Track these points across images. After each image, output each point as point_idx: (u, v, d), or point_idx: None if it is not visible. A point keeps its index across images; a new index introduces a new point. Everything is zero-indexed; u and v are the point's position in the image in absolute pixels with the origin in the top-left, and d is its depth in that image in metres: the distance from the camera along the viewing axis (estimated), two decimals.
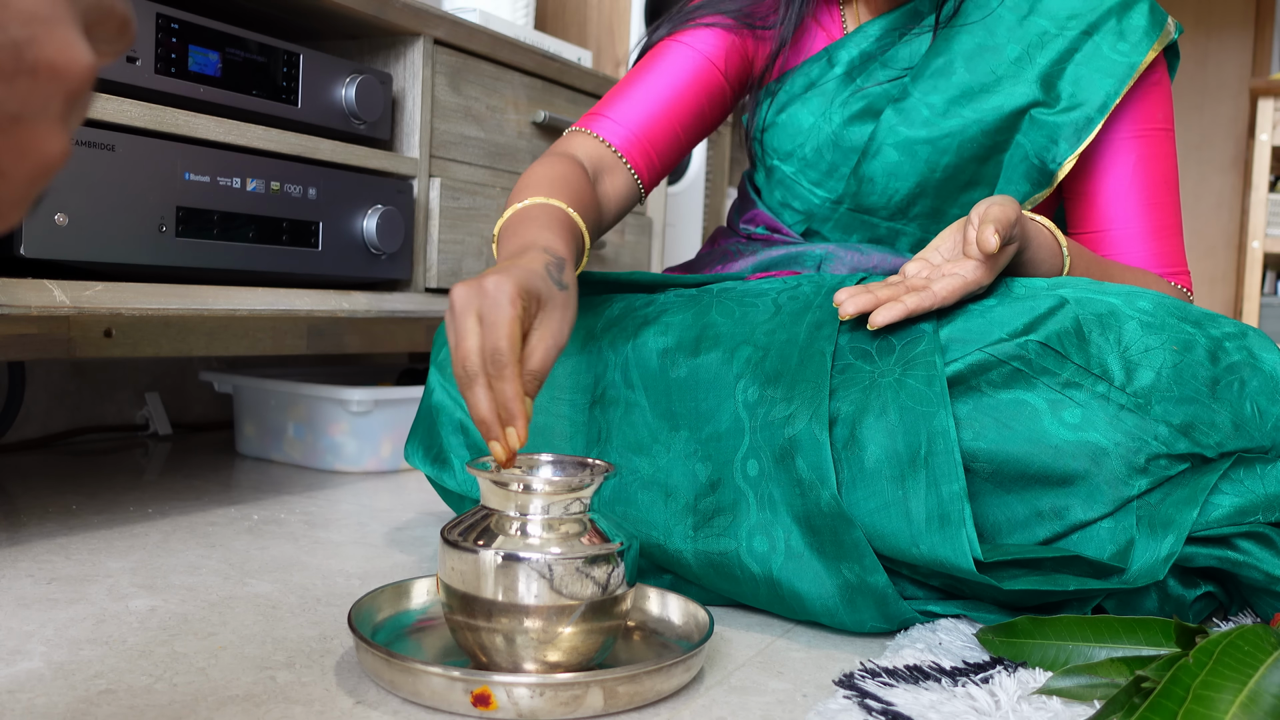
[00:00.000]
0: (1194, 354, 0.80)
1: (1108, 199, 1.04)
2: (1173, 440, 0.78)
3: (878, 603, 0.77)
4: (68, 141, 0.34)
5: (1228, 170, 4.05)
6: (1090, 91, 1.00)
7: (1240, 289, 3.38)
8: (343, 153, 1.23)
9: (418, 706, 0.64)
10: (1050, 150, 1.00)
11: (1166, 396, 0.78)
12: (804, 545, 0.78)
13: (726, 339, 0.86)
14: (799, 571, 0.78)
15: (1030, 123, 1.00)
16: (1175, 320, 0.82)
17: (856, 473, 0.77)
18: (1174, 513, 0.76)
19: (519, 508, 0.67)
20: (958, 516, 0.74)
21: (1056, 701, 0.66)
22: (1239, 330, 0.84)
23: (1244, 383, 0.80)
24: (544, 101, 1.58)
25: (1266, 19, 4.00)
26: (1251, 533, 0.77)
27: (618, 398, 0.88)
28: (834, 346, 0.82)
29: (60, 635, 0.74)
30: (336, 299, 1.22)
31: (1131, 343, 0.80)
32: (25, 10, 0.32)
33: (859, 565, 0.76)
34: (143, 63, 1.02)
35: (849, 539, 0.76)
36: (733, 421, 0.82)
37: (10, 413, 1.43)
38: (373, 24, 1.30)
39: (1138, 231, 1.03)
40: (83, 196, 0.95)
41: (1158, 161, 1.04)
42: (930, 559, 0.74)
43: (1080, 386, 0.78)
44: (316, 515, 1.15)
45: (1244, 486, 0.77)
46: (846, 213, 1.06)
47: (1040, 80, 1.00)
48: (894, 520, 0.75)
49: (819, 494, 0.76)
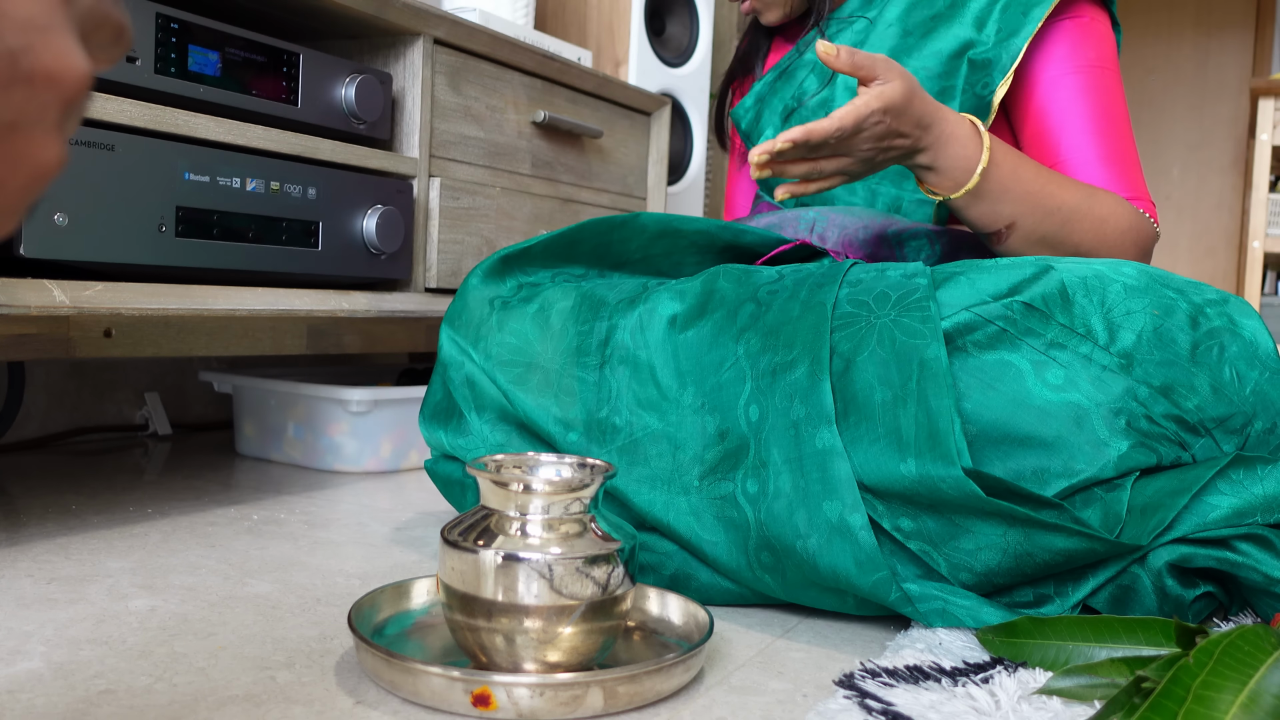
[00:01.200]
0: (1175, 318, 0.81)
1: (1054, 129, 1.10)
2: (1152, 401, 0.78)
3: (853, 546, 0.76)
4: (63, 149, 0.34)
5: (1228, 170, 4.04)
6: (1014, 24, 1.09)
7: (1240, 289, 3.38)
8: (343, 153, 1.23)
9: (418, 706, 0.64)
10: (987, 84, 1.10)
11: (1147, 359, 0.79)
12: (791, 487, 0.79)
13: (731, 298, 0.89)
14: (784, 513, 0.79)
15: (969, 67, 1.11)
16: (1158, 285, 0.83)
17: (849, 401, 0.78)
18: (1164, 499, 0.77)
19: (519, 507, 0.67)
20: (946, 429, 0.74)
21: (1056, 701, 0.66)
22: (1221, 297, 0.85)
23: (1223, 348, 0.81)
24: (544, 101, 1.58)
25: (1266, 19, 4.00)
26: (1250, 535, 0.77)
27: (627, 358, 0.90)
28: (834, 299, 0.84)
29: (60, 635, 0.74)
30: (336, 299, 1.22)
31: (1114, 304, 0.81)
32: (21, 18, 0.31)
33: (840, 503, 0.77)
34: (142, 63, 1.02)
35: (837, 475, 0.77)
36: (735, 371, 0.84)
37: (10, 413, 1.43)
38: (373, 24, 1.30)
39: (1090, 158, 1.08)
40: (82, 196, 0.95)
41: (1100, 94, 1.10)
42: (918, 475, 0.74)
43: (1064, 347, 0.79)
44: (316, 515, 1.15)
45: (1242, 487, 0.77)
46: None
47: (974, 22, 1.11)
48: (883, 443, 0.76)
49: (815, 432, 0.78)
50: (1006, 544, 0.75)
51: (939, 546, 0.77)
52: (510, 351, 0.94)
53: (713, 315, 0.88)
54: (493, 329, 0.95)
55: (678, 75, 2.23)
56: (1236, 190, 4.01)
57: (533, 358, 0.93)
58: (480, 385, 0.95)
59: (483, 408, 0.95)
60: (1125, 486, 0.78)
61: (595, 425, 0.88)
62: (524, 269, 1.01)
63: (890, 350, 0.78)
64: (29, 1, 0.32)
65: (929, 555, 0.78)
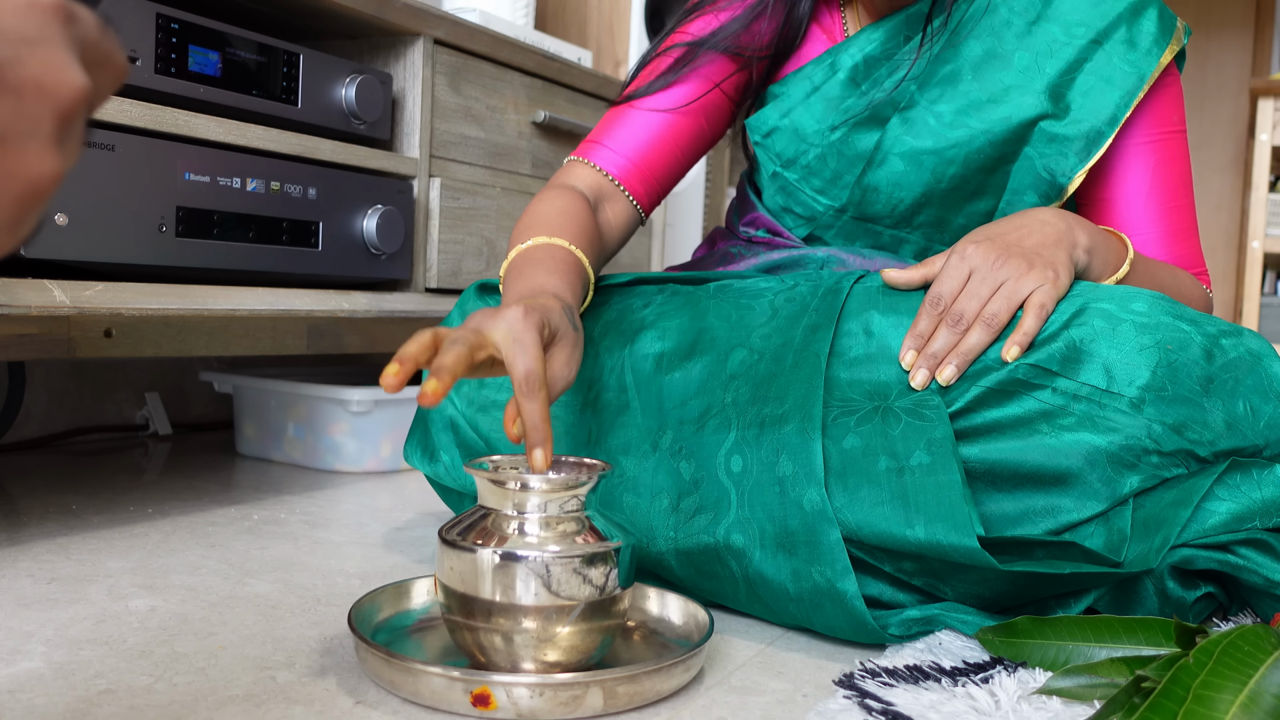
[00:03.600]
0: (1189, 352, 0.80)
1: (1124, 205, 1.02)
2: (1165, 438, 0.78)
3: (845, 612, 0.76)
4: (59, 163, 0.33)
5: (1228, 170, 4.04)
6: (1100, 103, 0.97)
7: (1240, 289, 3.38)
8: (343, 153, 1.23)
9: (418, 706, 0.64)
10: (1060, 163, 0.98)
11: (1161, 396, 0.78)
12: (776, 545, 0.78)
13: (722, 342, 0.86)
14: (775, 570, 0.78)
15: (1039, 135, 0.98)
16: (1170, 319, 0.82)
17: (848, 463, 0.77)
18: (1167, 513, 0.76)
19: (516, 506, 0.67)
20: (957, 500, 0.73)
21: (1056, 701, 0.66)
22: (1234, 329, 0.84)
23: (1239, 381, 0.80)
24: (544, 101, 1.58)
25: (1266, 19, 4.00)
26: (1250, 539, 0.77)
27: (610, 401, 0.88)
28: (829, 349, 0.83)
29: (60, 635, 0.74)
30: (336, 299, 1.22)
31: (1126, 344, 0.80)
32: (9, 30, 0.31)
33: (830, 569, 0.75)
34: (143, 63, 1.02)
35: (826, 541, 0.76)
36: (720, 420, 0.82)
37: (10, 413, 1.43)
38: (373, 24, 1.30)
39: (1156, 235, 1.01)
40: (83, 196, 0.95)
41: (1172, 164, 1.02)
42: (927, 541, 0.74)
43: (1075, 396, 0.79)
44: (316, 515, 1.15)
45: (1240, 492, 0.77)
46: (850, 220, 1.05)
47: (1049, 91, 0.97)
48: (887, 507, 0.75)
49: (802, 493, 0.77)
50: (1015, 578, 0.76)
51: (946, 580, 0.77)
52: (494, 390, 0.93)
53: (701, 358, 0.86)
54: None
55: None
56: (1236, 190, 4.01)
57: None
58: (462, 430, 0.95)
59: (469, 452, 0.95)
60: (1128, 504, 0.78)
61: None
62: None
63: (897, 428, 0.77)
64: (17, 15, 0.32)
65: (935, 588, 0.79)
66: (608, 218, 1.01)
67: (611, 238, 1.01)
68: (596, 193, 1.01)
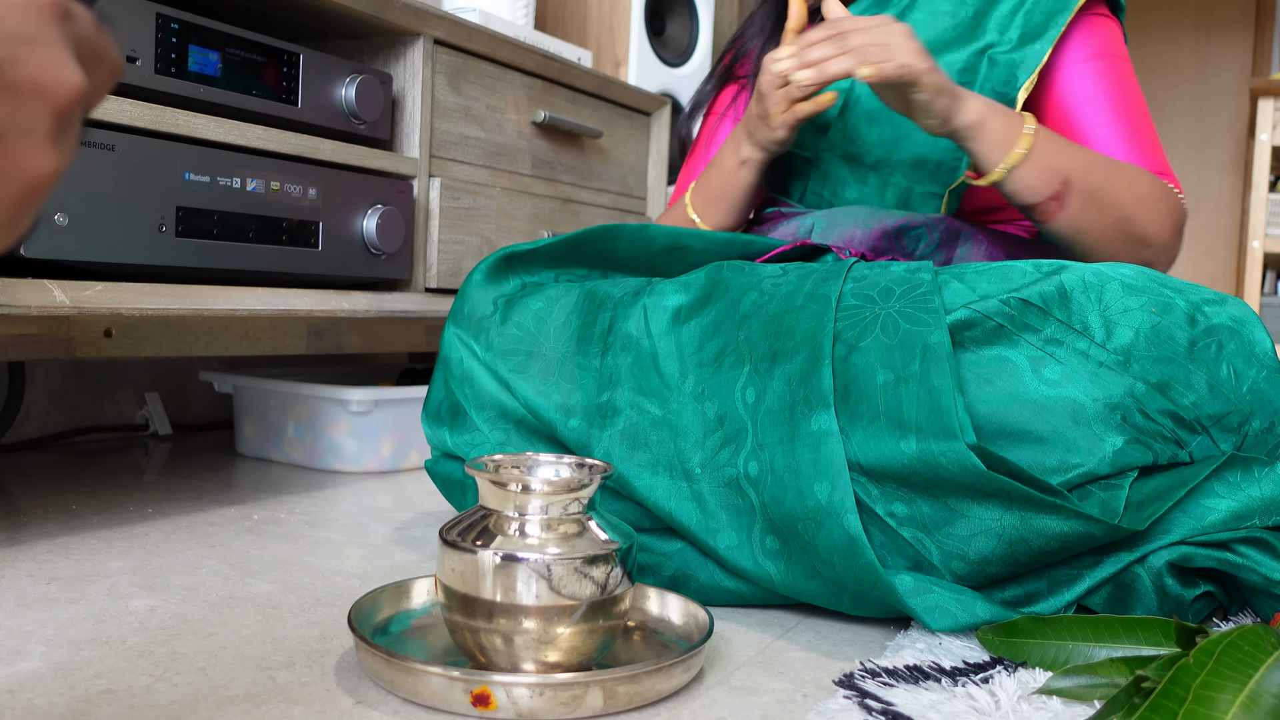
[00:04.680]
0: (1172, 315, 0.81)
1: (1076, 112, 1.11)
2: (1148, 397, 0.79)
3: (840, 529, 0.76)
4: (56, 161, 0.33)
5: (1228, 170, 4.05)
6: (1038, 27, 1.10)
7: (1240, 289, 3.38)
8: (343, 153, 1.23)
9: (418, 706, 0.64)
10: (1011, 82, 1.10)
11: (1144, 355, 0.79)
12: (784, 466, 0.79)
13: (735, 288, 0.90)
14: (783, 493, 0.79)
15: (989, 64, 1.10)
16: (1155, 284, 0.83)
17: (850, 383, 0.79)
18: (1160, 493, 0.77)
19: (517, 508, 0.67)
20: (949, 406, 0.75)
21: (1056, 701, 0.66)
22: (1218, 297, 0.85)
23: (1221, 345, 0.81)
24: (544, 101, 1.58)
25: (1266, 19, 4.00)
26: (1249, 538, 0.77)
27: (630, 345, 0.90)
28: (839, 291, 0.85)
29: (60, 635, 0.74)
30: (336, 299, 1.22)
31: (1112, 302, 0.81)
32: (7, 30, 0.32)
33: (830, 484, 0.77)
34: (143, 63, 1.02)
35: (827, 455, 0.77)
36: (735, 356, 0.85)
37: (10, 413, 1.43)
38: (373, 24, 1.30)
39: (1113, 135, 1.09)
40: (83, 196, 0.95)
41: (1117, 78, 1.11)
42: (918, 452, 0.74)
43: (1061, 344, 0.80)
44: (316, 515, 1.15)
45: (1239, 490, 0.77)
46: (837, 161, 1.16)
47: (996, 27, 1.12)
48: (882, 421, 0.76)
49: (812, 414, 0.78)
50: (1002, 529, 0.75)
51: (932, 533, 0.77)
52: (512, 342, 0.94)
53: (717, 304, 0.89)
54: (495, 323, 0.96)
55: (678, 75, 2.23)
56: (1236, 190, 4.01)
57: (535, 346, 0.93)
58: (479, 381, 0.95)
59: (482, 405, 0.95)
60: (1123, 485, 0.78)
61: (596, 410, 0.89)
62: (527, 269, 1.02)
63: (894, 336, 0.79)
64: (14, 14, 0.32)
65: (921, 543, 0.78)
66: None
67: None
68: None
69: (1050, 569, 0.79)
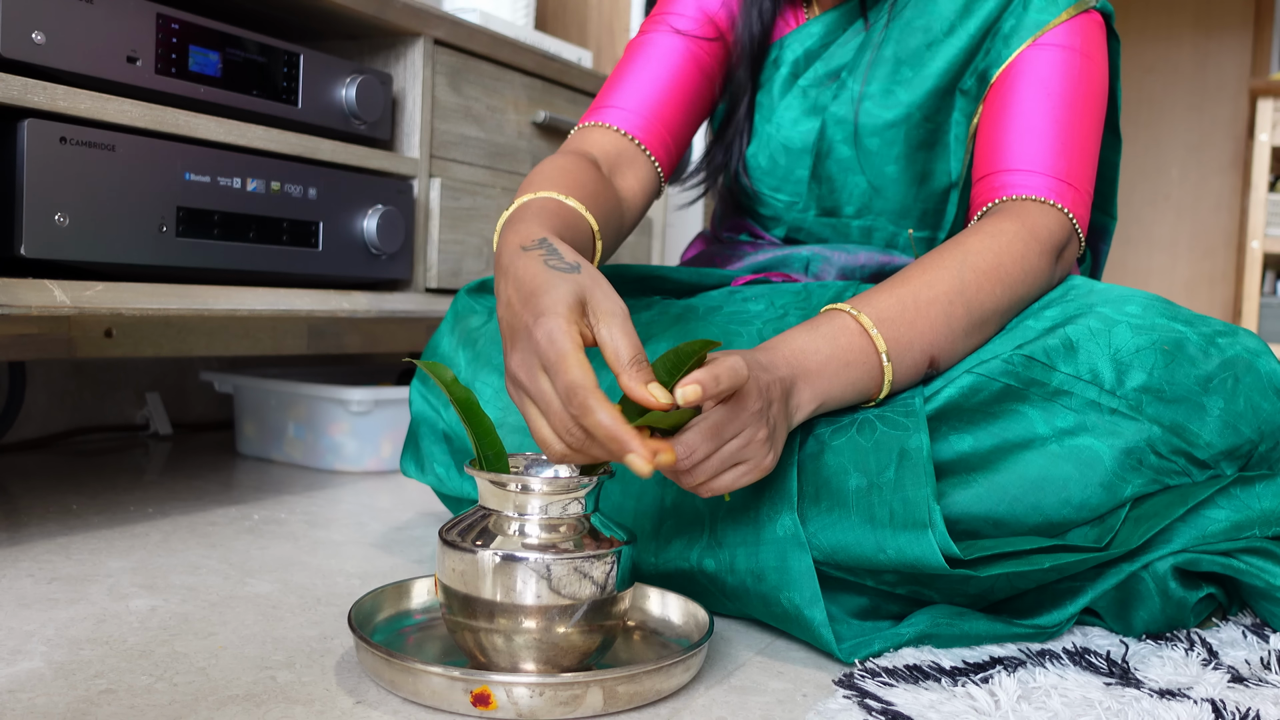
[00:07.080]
0: (1186, 351, 0.80)
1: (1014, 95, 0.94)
2: (1163, 440, 0.78)
3: (813, 637, 0.75)
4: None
5: (1227, 170, 4.04)
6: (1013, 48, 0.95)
7: (1240, 289, 3.38)
8: (343, 153, 1.24)
9: (418, 706, 0.64)
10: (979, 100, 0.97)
11: (1159, 396, 0.78)
12: (747, 571, 0.77)
13: None
14: (743, 595, 0.78)
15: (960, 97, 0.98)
16: (1165, 320, 0.81)
17: (820, 485, 0.76)
18: (1159, 509, 0.77)
19: (517, 508, 0.67)
20: (923, 519, 0.72)
21: (1056, 700, 0.66)
22: (1230, 329, 0.84)
23: (1238, 379, 0.80)
24: (544, 101, 1.58)
25: (1266, 19, 4.00)
26: (1250, 548, 0.77)
27: None
28: None
29: (60, 635, 0.74)
30: (337, 299, 1.22)
31: (1122, 345, 0.79)
32: None
33: (799, 595, 0.74)
34: (143, 63, 1.02)
35: (794, 565, 0.74)
36: None
37: (10, 413, 1.43)
38: (373, 24, 1.30)
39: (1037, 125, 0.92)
40: (83, 196, 0.95)
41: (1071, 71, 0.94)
42: (896, 560, 0.73)
43: (1070, 394, 0.78)
44: (316, 515, 1.16)
45: (1240, 502, 0.77)
46: (815, 217, 1.05)
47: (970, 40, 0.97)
48: (858, 531, 0.74)
49: (776, 518, 0.76)
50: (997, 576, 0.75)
51: (929, 586, 0.77)
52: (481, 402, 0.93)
53: None
54: None
55: None
56: (1235, 190, 4.01)
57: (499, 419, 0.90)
58: (455, 440, 0.95)
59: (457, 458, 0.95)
60: (1124, 509, 0.78)
61: None
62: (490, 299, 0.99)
63: (870, 439, 0.77)
64: None
65: (920, 595, 0.78)
66: (628, 183, 0.96)
67: (632, 204, 0.96)
68: (613, 158, 0.96)
69: (1054, 584, 0.79)
